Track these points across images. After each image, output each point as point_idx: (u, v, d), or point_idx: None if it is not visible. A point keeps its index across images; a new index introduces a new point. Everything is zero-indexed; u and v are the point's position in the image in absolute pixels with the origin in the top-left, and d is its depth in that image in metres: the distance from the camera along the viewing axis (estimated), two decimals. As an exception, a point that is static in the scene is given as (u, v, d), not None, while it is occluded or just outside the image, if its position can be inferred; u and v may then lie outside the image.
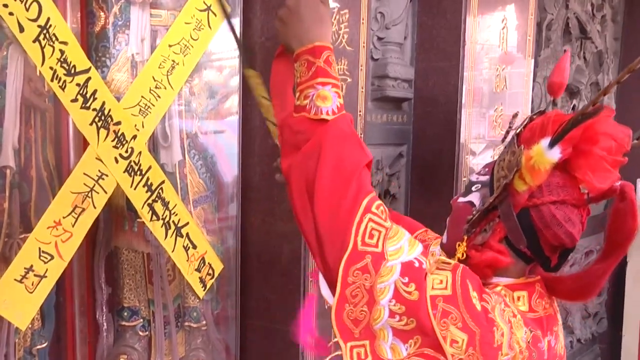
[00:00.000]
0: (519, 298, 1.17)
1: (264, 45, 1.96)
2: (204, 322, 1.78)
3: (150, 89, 1.65)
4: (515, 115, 1.35)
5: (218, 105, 1.90)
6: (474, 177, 1.26)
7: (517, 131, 1.19)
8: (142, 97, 1.63)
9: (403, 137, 2.41)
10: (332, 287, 1.12)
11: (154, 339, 1.72)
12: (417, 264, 1.09)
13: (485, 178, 1.22)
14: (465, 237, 1.19)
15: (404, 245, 1.10)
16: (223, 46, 1.87)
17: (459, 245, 1.20)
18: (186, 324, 1.77)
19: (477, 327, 1.05)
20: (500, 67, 2.60)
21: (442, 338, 1.04)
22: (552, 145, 1.07)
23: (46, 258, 1.41)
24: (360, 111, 2.08)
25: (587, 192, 1.15)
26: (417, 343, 1.05)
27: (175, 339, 1.71)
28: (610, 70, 3.91)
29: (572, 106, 3.33)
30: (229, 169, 1.89)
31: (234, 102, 1.91)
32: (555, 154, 1.07)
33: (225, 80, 1.92)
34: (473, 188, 1.23)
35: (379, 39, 2.33)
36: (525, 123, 1.19)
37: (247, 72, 1.34)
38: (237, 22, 1.92)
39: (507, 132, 1.27)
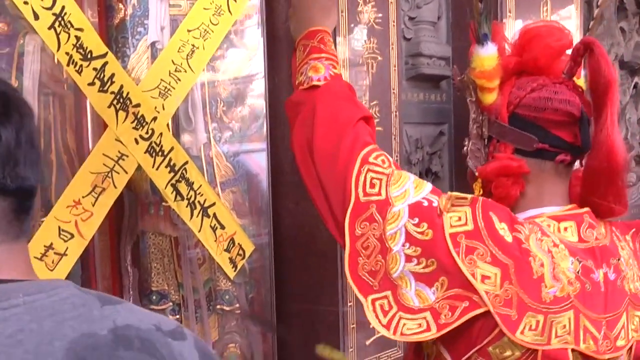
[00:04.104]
0: (565, 229, 1.11)
1: (289, 31, 1.93)
2: (238, 305, 1.71)
3: (169, 72, 1.64)
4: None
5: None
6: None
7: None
8: (161, 80, 1.62)
9: (443, 116, 2.33)
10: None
11: (185, 322, 1.65)
12: (426, 203, 1.07)
13: None
14: (476, 174, 1.18)
15: (409, 188, 1.09)
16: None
17: (475, 185, 1.19)
18: (218, 307, 1.70)
19: (509, 259, 1.00)
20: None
21: (470, 275, 1.00)
22: (480, 42, 1.13)
23: (66, 237, 1.38)
24: (394, 89, 2.03)
25: (563, 72, 1.17)
26: (445, 285, 1.01)
27: (208, 322, 1.64)
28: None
29: (633, 84, 3.14)
30: (259, 154, 1.84)
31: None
32: (490, 49, 1.13)
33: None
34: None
35: (411, 18, 2.28)
36: None
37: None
38: (259, 7, 1.90)
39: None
